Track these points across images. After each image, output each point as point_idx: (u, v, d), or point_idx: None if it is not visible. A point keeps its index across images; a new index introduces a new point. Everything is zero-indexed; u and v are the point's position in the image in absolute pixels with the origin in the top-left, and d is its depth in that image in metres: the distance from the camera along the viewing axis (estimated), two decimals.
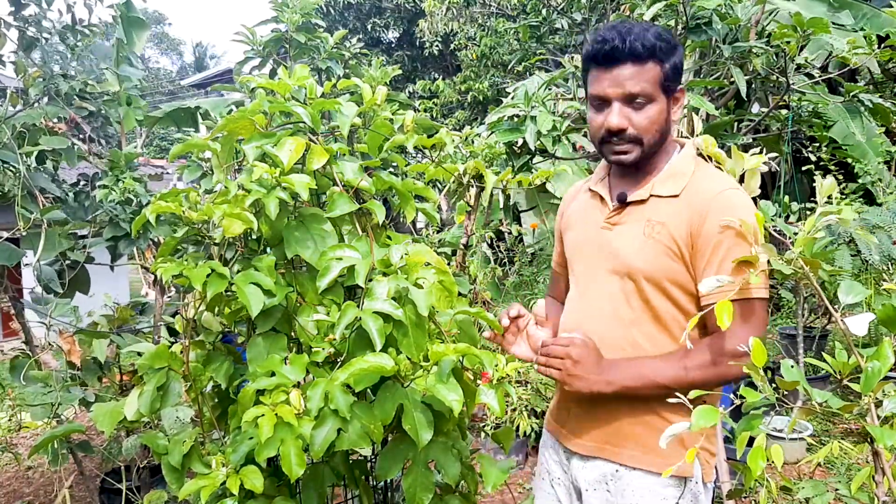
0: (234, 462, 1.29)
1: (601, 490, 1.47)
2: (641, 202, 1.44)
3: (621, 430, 1.43)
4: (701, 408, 1.06)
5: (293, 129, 1.45)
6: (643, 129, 1.39)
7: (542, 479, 1.64)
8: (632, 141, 1.40)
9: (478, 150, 2.23)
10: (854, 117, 4.88)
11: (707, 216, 1.35)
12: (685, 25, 2.62)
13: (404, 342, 1.30)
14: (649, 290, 1.40)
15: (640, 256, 1.40)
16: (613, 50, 1.36)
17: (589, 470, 1.49)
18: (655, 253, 1.39)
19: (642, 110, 1.39)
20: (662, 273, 1.38)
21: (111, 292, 3.07)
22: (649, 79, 1.37)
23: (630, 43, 1.35)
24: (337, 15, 13.23)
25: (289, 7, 2.98)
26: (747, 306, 1.33)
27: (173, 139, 13.85)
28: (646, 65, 1.37)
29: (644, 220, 1.43)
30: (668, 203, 1.41)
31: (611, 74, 1.38)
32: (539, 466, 1.68)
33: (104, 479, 3.23)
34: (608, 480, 1.46)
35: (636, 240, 1.42)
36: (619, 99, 1.38)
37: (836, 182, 1.35)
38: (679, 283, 1.38)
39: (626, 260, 1.42)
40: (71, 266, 2.84)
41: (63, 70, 2.67)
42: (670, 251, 1.38)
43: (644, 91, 1.37)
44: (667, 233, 1.39)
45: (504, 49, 10.16)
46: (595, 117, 1.43)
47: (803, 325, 4.36)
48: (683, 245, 1.37)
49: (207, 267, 1.31)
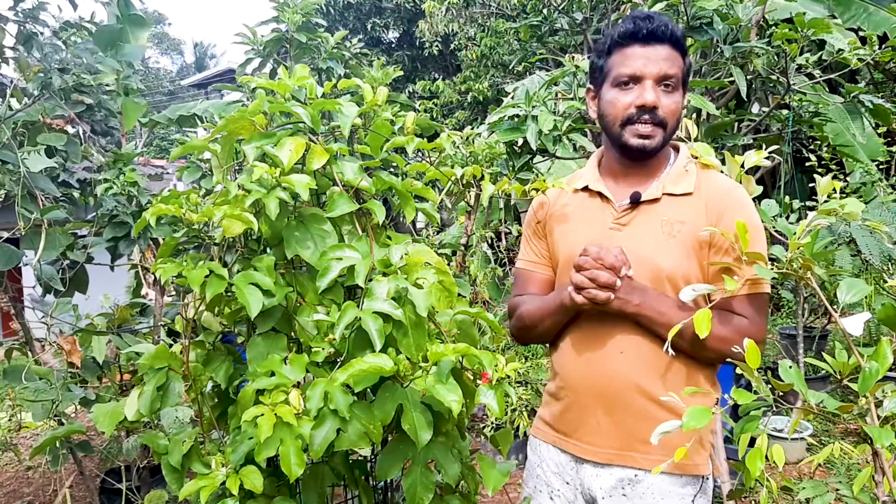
0: (234, 462, 1.29)
1: (617, 496, 1.44)
2: (654, 201, 1.43)
3: (641, 435, 1.40)
4: (693, 408, 1.07)
5: (293, 130, 1.45)
6: (670, 113, 1.39)
7: (540, 492, 1.58)
8: (658, 124, 1.39)
9: (478, 150, 2.23)
10: (854, 118, 4.87)
11: (725, 212, 1.37)
12: (686, 25, 2.62)
13: (404, 342, 1.30)
14: (669, 290, 1.39)
15: (664, 257, 1.39)
16: (657, 29, 1.37)
17: (604, 478, 1.46)
18: (679, 253, 1.39)
19: (671, 95, 1.39)
20: (685, 271, 1.39)
21: (111, 292, 3.07)
22: (680, 66, 1.40)
23: (671, 27, 1.38)
24: (337, 15, 13.23)
25: (289, 7, 2.99)
26: (761, 300, 1.38)
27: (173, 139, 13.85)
28: (677, 52, 1.40)
29: (659, 219, 1.41)
30: (683, 201, 1.41)
31: (648, 52, 1.38)
32: (531, 478, 1.61)
33: (104, 479, 3.23)
34: (625, 486, 1.44)
35: (656, 240, 1.40)
36: (653, 78, 1.38)
37: (837, 181, 1.35)
38: (696, 280, 1.39)
39: (650, 262, 1.39)
40: (71, 266, 2.84)
41: (60, 65, 2.66)
42: (692, 249, 1.38)
43: (676, 75, 1.39)
44: (689, 231, 1.38)
45: (504, 49, 10.16)
46: (621, 96, 1.40)
47: (803, 325, 4.36)
48: (703, 241, 1.38)
49: (206, 268, 1.31)
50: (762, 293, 1.38)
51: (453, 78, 11.51)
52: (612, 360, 1.42)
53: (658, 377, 1.40)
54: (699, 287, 1.24)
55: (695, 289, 1.23)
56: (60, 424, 2.62)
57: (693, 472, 1.42)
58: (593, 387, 1.45)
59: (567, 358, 1.51)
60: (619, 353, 1.41)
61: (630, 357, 1.40)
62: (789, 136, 3.16)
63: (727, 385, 1.37)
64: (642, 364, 1.40)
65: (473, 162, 2.09)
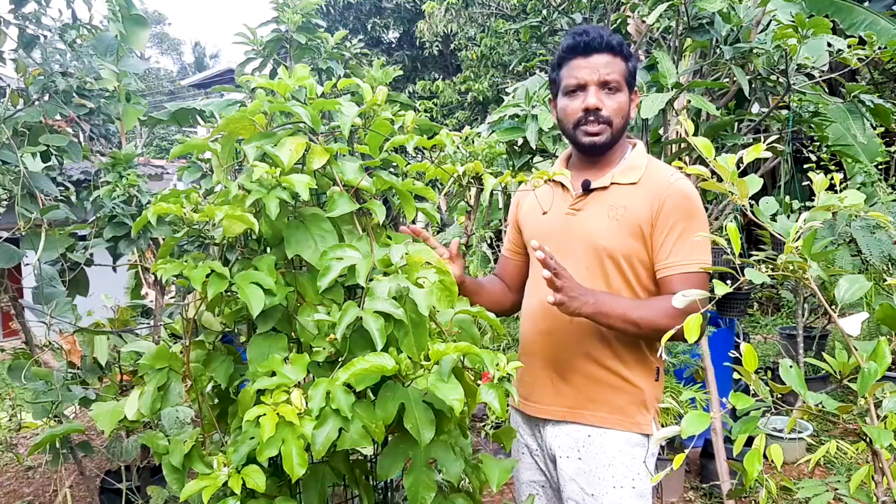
0: (236, 462, 1.28)
1: (573, 458, 1.62)
2: (603, 189, 1.63)
3: (591, 395, 1.61)
4: (691, 414, 1.11)
5: (293, 129, 1.45)
6: (614, 112, 1.60)
7: (522, 454, 1.79)
8: (604, 122, 1.60)
9: (478, 149, 2.23)
10: (855, 118, 4.87)
11: (665, 199, 1.56)
12: (687, 25, 2.63)
13: (405, 342, 1.30)
14: (610, 265, 1.59)
15: (605, 236, 1.59)
16: (593, 41, 1.59)
17: (562, 437, 1.65)
18: (619, 232, 1.58)
19: (614, 96, 1.61)
20: (626, 249, 1.58)
21: (111, 293, 3.07)
22: (619, 70, 1.60)
23: (605, 37, 1.59)
24: (337, 15, 13.24)
25: (289, 7, 2.98)
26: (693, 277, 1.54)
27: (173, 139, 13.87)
28: (616, 57, 1.60)
29: (607, 205, 1.61)
30: (628, 190, 1.61)
31: (589, 62, 1.59)
32: (516, 444, 1.80)
33: (104, 479, 3.24)
34: (580, 447, 1.62)
35: (601, 222, 1.60)
36: (595, 84, 1.59)
37: (836, 182, 1.35)
38: (639, 258, 1.59)
39: (592, 240, 1.60)
40: (71, 267, 2.84)
41: (63, 68, 2.66)
42: (632, 231, 1.58)
43: (615, 79, 1.60)
44: (629, 215, 1.58)
45: (504, 49, 10.17)
46: (570, 103, 1.63)
47: (803, 325, 4.37)
48: (645, 224, 1.57)
49: (207, 267, 1.31)
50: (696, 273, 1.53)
51: (453, 78, 11.52)
52: (564, 329, 1.62)
53: (605, 343, 1.60)
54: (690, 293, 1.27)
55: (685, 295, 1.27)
56: (60, 424, 2.61)
57: (636, 430, 1.60)
58: (548, 352, 1.66)
59: (525, 326, 1.74)
60: (569, 323, 1.59)
61: (578, 324, 1.58)
62: (789, 136, 3.16)
63: (727, 386, 1.38)
64: (591, 331, 1.59)
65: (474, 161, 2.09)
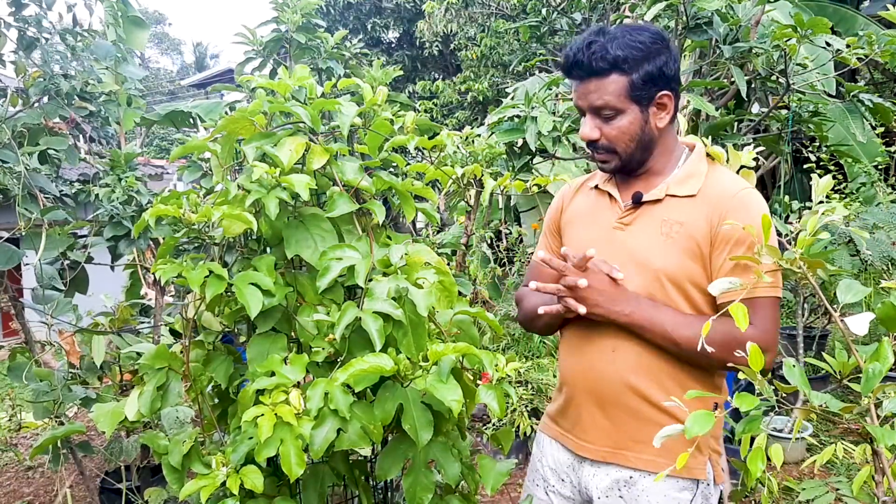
0: (235, 462, 1.29)
1: (613, 497, 1.46)
2: (657, 202, 1.44)
3: (635, 435, 1.42)
4: (696, 413, 1.05)
5: (293, 129, 1.45)
6: (613, 139, 1.41)
7: (537, 486, 1.61)
8: (606, 151, 1.42)
9: (478, 150, 2.23)
10: (855, 118, 4.87)
11: (726, 215, 1.36)
12: (685, 25, 2.62)
13: (404, 342, 1.30)
14: (669, 287, 1.40)
15: (658, 256, 1.40)
16: (575, 65, 1.39)
17: (601, 477, 1.48)
18: (674, 252, 1.39)
19: (612, 122, 1.40)
20: (681, 271, 1.39)
21: (111, 292, 3.07)
22: (613, 91, 1.37)
23: (589, 58, 1.36)
24: (337, 15, 13.23)
25: (289, 7, 2.98)
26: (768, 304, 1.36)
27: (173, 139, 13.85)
28: (608, 78, 1.37)
29: (659, 220, 1.43)
30: (685, 203, 1.42)
31: (581, 87, 1.41)
32: (532, 472, 1.65)
33: (104, 479, 3.23)
34: (621, 487, 1.45)
35: (652, 239, 1.42)
36: (588, 110, 1.41)
37: (836, 182, 1.35)
38: (695, 281, 1.39)
39: (644, 260, 1.41)
40: (71, 266, 2.84)
41: (63, 70, 2.66)
42: (689, 250, 1.39)
43: (608, 104, 1.38)
44: (686, 232, 1.39)
45: (504, 49, 10.16)
46: (581, 128, 1.45)
47: (803, 325, 4.36)
48: (703, 243, 1.38)
49: (205, 268, 1.31)
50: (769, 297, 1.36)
51: (453, 78, 11.52)
52: (604, 357, 1.44)
53: (651, 378, 1.41)
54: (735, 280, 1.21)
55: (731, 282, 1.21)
56: (61, 424, 2.61)
57: (687, 475, 1.42)
58: (586, 383, 1.48)
59: (565, 353, 1.55)
60: (611, 351, 1.43)
61: (622, 355, 1.41)
62: (789, 136, 3.16)
63: (728, 386, 1.37)
64: (635, 363, 1.41)
65: (473, 162, 2.09)
